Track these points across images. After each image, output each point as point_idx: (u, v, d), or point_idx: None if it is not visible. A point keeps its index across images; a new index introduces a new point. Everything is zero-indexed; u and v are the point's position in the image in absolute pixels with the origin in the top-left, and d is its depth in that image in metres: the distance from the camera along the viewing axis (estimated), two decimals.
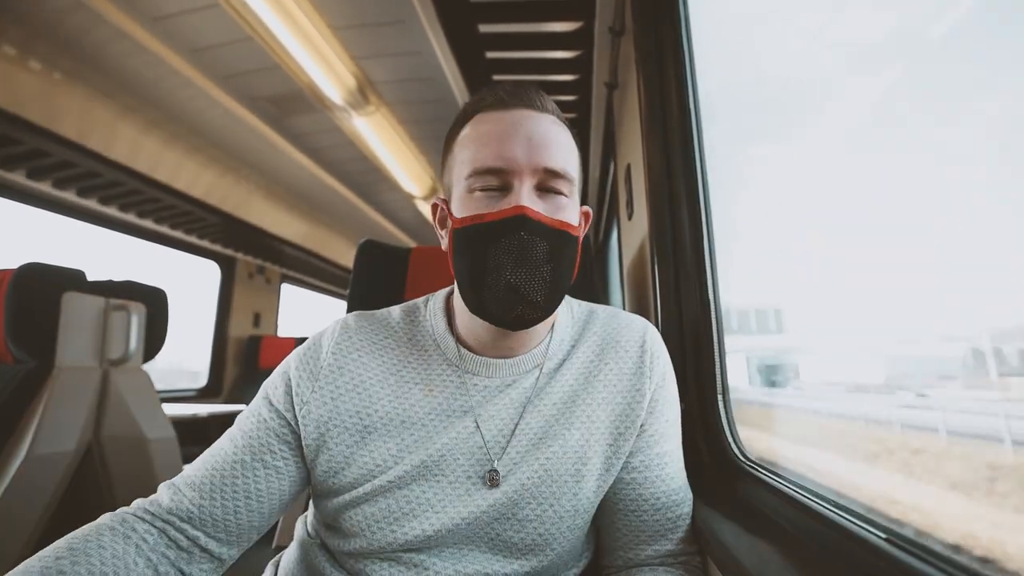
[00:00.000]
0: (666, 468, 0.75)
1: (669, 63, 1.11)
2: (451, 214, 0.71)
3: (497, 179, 0.66)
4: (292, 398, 0.72)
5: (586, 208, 0.77)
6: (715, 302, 0.99)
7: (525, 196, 0.65)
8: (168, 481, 0.72)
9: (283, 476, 0.72)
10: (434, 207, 0.77)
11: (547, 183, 0.67)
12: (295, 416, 0.71)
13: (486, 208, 0.66)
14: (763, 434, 0.99)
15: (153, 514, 0.68)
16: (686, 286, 1.02)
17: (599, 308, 0.84)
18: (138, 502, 0.70)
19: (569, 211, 0.69)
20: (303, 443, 0.71)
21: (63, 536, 0.62)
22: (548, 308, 0.67)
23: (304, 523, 0.83)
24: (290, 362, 0.76)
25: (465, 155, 0.69)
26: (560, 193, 0.68)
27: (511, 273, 0.64)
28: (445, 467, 0.69)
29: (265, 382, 0.77)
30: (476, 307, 0.68)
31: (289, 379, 0.74)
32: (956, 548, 0.48)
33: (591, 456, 0.71)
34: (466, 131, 0.71)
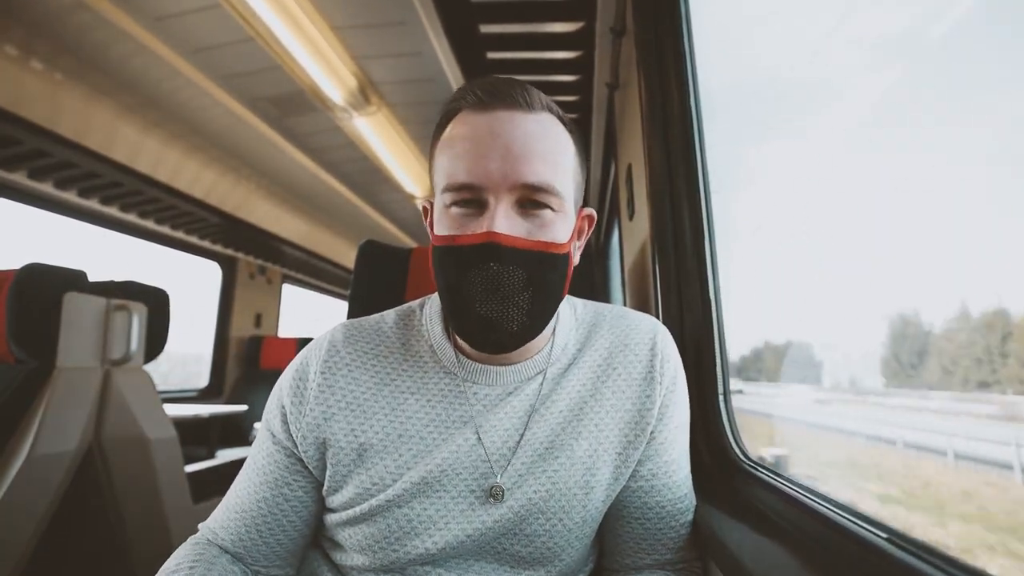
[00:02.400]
0: (673, 476, 0.73)
1: (670, 63, 1.11)
2: (431, 227, 0.67)
3: (472, 195, 0.61)
4: (289, 427, 0.71)
5: (589, 211, 0.73)
6: (716, 302, 0.99)
7: (500, 216, 0.59)
8: (206, 526, 0.75)
9: (307, 503, 0.73)
10: (424, 210, 0.72)
11: (529, 198, 0.61)
12: (295, 445, 0.70)
13: (460, 228, 0.61)
14: None
15: (225, 549, 0.73)
16: (687, 286, 1.01)
17: (606, 308, 0.80)
18: (204, 537, 0.75)
19: (556, 226, 0.63)
20: (311, 467, 0.71)
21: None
22: (528, 335, 0.64)
23: None
24: (282, 389, 0.73)
25: (442, 164, 0.64)
26: (545, 207, 0.62)
27: (481, 305, 0.61)
28: (447, 482, 0.66)
29: (265, 410, 0.76)
30: (455, 331, 0.67)
31: (283, 407, 0.72)
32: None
33: (600, 467, 0.69)
34: (447, 132, 0.65)
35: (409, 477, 0.66)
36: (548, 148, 0.63)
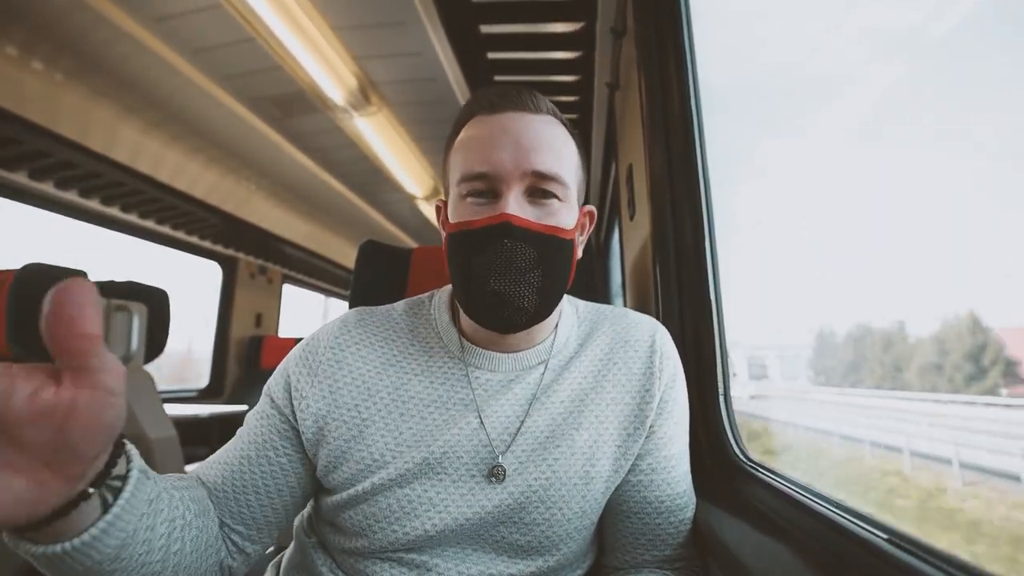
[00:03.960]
0: (672, 472, 0.74)
1: (670, 63, 1.11)
2: (446, 219, 0.71)
3: (485, 185, 0.66)
4: (291, 394, 0.72)
5: (590, 208, 0.76)
6: (716, 302, 0.99)
7: (512, 202, 0.64)
8: (193, 471, 0.75)
9: (288, 473, 0.72)
10: (437, 209, 0.77)
11: (537, 187, 0.66)
12: (293, 412, 0.72)
13: (474, 215, 0.66)
14: None
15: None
16: (688, 286, 1.02)
17: (607, 308, 0.83)
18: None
19: (562, 215, 0.68)
20: (304, 439, 0.71)
21: None
22: (538, 313, 0.67)
23: (300, 521, 0.81)
24: (290, 359, 0.76)
25: (456, 160, 0.69)
26: (552, 197, 0.67)
27: (495, 281, 0.64)
28: (447, 464, 0.67)
29: (268, 381, 0.78)
30: (467, 311, 0.69)
31: (288, 375, 0.74)
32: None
33: (600, 458, 0.70)
34: (460, 136, 0.71)
35: (410, 456, 0.67)
36: (553, 143, 0.68)
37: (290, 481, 0.73)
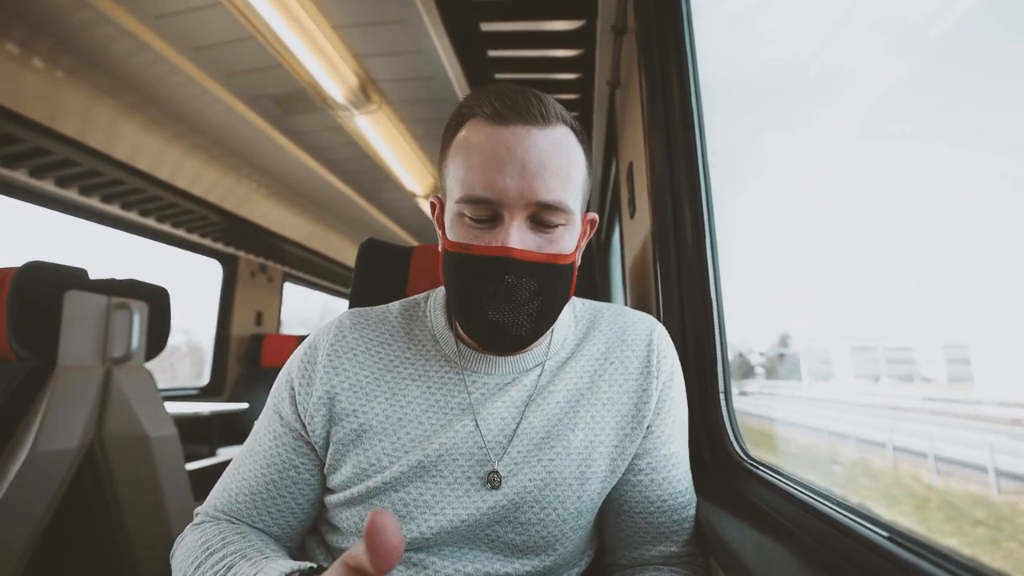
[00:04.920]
0: (672, 470, 0.74)
1: (671, 61, 1.11)
2: (444, 231, 0.69)
3: (487, 209, 0.63)
4: (297, 408, 0.73)
5: (592, 216, 0.75)
6: (717, 300, 0.99)
7: (515, 232, 0.62)
8: (207, 512, 0.76)
9: (313, 485, 0.75)
10: (432, 205, 0.75)
11: (541, 215, 0.63)
12: (304, 426, 0.72)
13: (474, 238, 0.64)
14: None
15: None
16: (688, 284, 1.01)
17: (604, 306, 0.83)
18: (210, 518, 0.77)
19: (564, 240, 0.66)
20: (316, 448, 0.72)
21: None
22: (536, 336, 0.67)
23: None
24: (291, 369, 0.76)
25: (457, 171, 0.65)
26: (556, 225, 0.65)
27: (494, 312, 0.64)
28: (443, 467, 0.68)
29: (272, 392, 0.78)
30: (464, 332, 0.70)
31: (292, 388, 0.74)
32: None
33: (596, 458, 0.70)
34: (461, 136, 0.66)
35: (406, 460, 0.67)
36: (561, 165, 0.64)
37: (317, 491, 0.75)
